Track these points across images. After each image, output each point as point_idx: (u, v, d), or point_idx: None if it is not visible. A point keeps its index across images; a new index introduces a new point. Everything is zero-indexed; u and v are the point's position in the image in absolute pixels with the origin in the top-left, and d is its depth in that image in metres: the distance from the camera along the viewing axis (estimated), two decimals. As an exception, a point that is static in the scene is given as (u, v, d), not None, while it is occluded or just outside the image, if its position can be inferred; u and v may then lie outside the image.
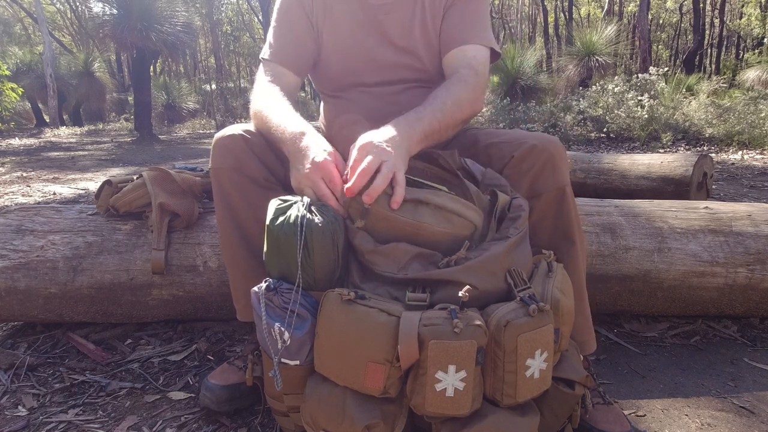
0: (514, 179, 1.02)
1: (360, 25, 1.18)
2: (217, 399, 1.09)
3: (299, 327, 0.85)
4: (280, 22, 1.20)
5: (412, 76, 1.20)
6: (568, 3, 21.75)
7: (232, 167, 1.04)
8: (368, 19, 1.17)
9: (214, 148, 1.07)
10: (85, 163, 6.29)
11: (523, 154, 1.02)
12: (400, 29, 1.17)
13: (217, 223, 1.10)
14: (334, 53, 1.20)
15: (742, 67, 16.35)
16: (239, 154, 1.04)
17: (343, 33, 1.19)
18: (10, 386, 1.25)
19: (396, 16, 1.17)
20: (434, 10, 1.17)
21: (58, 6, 25.69)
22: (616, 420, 1.00)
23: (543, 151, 1.01)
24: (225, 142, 1.06)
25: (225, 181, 1.05)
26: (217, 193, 1.07)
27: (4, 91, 9.66)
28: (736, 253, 1.39)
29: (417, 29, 1.17)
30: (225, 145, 1.05)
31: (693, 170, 2.67)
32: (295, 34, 1.19)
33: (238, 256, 1.08)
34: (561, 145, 1.04)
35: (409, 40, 1.17)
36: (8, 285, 1.36)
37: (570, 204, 1.04)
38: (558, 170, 1.02)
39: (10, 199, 3.72)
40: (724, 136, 5.99)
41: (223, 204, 1.07)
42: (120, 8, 9.33)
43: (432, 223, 0.86)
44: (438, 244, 0.87)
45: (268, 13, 18.12)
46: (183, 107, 15.65)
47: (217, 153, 1.06)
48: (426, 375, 0.76)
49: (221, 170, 1.05)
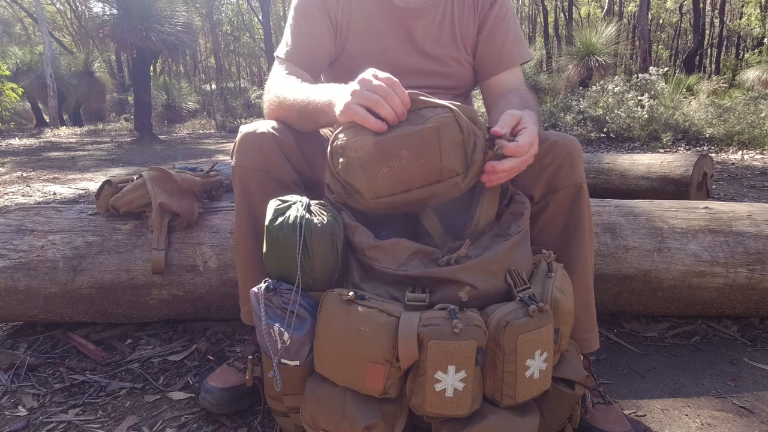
0: (534, 174, 1.02)
1: (386, 30, 1.15)
2: (217, 402, 1.09)
3: (299, 327, 0.85)
4: (298, 20, 1.15)
5: (439, 84, 1.19)
6: (568, 3, 21.75)
7: (261, 168, 1.00)
8: (395, 24, 1.14)
9: (240, 144, 1.02)
10: (85, 163, 6.29)
11: (544, 149, 1.02)
12: (428, 36, 1.15)
13: (236, 222, 1.07)
14: (358, 57, 1.16)
15: (742, 67, 16.36)
16: (270, 154, 1.00)
17: (369, 37, 1.15)
18: (10, 386, 1.25)
19: (424, 22, 1.14)
20: (464, 17, 1.16)
21: (58, 6, 25.70)
22: (616, 420, 1.00)
23: (563, 147, 1.03)
24: (254, 139, 1.01)
25: (251, 182, 1.01)
26: (240, 192, 1.03)
27: (4, 91, 9.67)
28: (736, 253, 1.39)
29: (446, 36, 1.16)
30: (254, 143, 1.01)
31: (693, 170, 2.67)
32: (313, 35, 1.14)
33: (253, 258, 1.05)
34: (579, 144, 1.06)
35: (438, 47, 1.16)
36: (8, 285, 1.36)
37: (585, 201, 1.05)
38: (576, 167, 1.04)
39: (10, 199, 3.72)
40: (724, 136, 5.98)
41: (244, 204, 1.03)
42: (120, 8, 9.34)
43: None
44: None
45: (268, 13, 18.13)
46: (183, 107, 15.66)
47: (244, 150, 1.01)
48: (425, 375, 0.76)
49: (248, 170, 1.01)
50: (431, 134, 0.82)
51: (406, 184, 0.84)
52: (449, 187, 0.86)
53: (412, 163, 0.83)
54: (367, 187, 0.85)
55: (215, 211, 1.48)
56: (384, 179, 0.84)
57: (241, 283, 1.11)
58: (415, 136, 0.82)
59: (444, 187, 0.86)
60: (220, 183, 1.58)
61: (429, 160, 0.83)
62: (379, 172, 0.84)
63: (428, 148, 0.82)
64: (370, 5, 1.14)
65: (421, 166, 0.83)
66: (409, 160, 0.82)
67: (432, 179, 0.84)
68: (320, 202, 0.92)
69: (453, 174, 0.84)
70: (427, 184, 0.85)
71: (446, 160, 0.83)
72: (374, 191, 0.85)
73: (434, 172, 0.84)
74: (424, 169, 0.83)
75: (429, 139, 0.82)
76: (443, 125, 0.82)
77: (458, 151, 0.84)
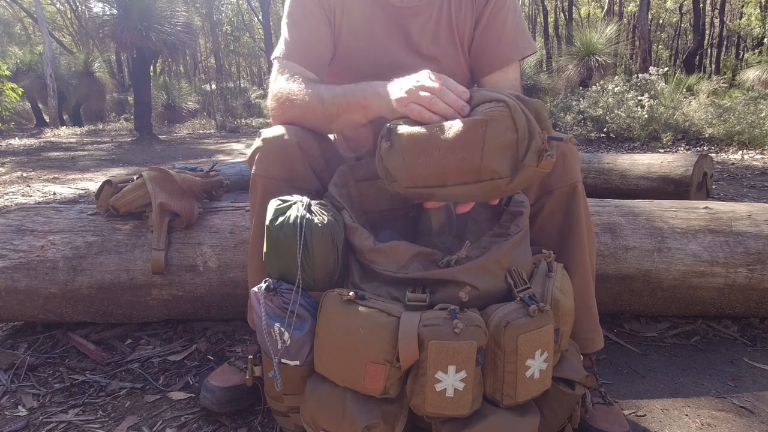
0: None
1: (382, 28, 1.11)
2: (218, 400, 1.08)
3: (299, 327, 0.85)
4: (295, 18, 1.10)
5: None
6: (568, 3, 21.74)
7: (284, 178, 0.97)
8: (391, 23, 1.11)
9: (262, 151, 0.98)
10: (85, 163, 6.28)
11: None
12: (425, 35, 1.12)
13: (252, 228, 1.04)
14: (353, 56, 1.13)
15: (742, 67, 16.36)
16: (293, 163, 0.97)
17: (364, 35, 1.12)
18: (10, 386, 1.25)
19: (421, 20, 1.11)
20: (462, 13, 1.12)
21: (58, 6, 25.70)
22: (616, 420, 1.00)
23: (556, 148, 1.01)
24: (278, 148, 0.97)
25: (272, 191, 0.96)
26: (257, 200, 0.99)
27: (4, 91, 9.67)
28: (736, 253, 1.39)
29: (443, 34, 1.12)
30: (278, 152, 0.97)
31: (693, 170, 2.67)
32: (313, 32, 1.10)
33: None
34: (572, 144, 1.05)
35: (434, 46, 1.13)
36: (8, 285, 1.36)
37: (580, 200, 1.03)
38: (570, 167, 1.02)
39: (10, 199, 3.72)
40: (724, 136, 5.98)
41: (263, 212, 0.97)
42: (120, 8, 9.33)
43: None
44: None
45: (268, 13, 18.13)
46: (183, 107, 15.65)
47: (265, 158, 0.97)
48: (426, 375, 0.76)
49: (272, 180, 0.97)
50: (476, 128, 0.75)
51: (441, 179, 0.79)
52: (489, 189, 0.79)
53: (450, 157, 0.76)
54: (405, 174, 0.81)
55: (215, 211, 1.48)
56: (420, 169, 0.79)
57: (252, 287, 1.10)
58: (457, 128, 0.75)
59: (483, 189, 0.78)
60: (220, 183, 1.58)
61: (468, 156, 0.75)
62: (417, 161, 0.78)
63: (469, 143, 0.75)
64: (365, 3, 1.11)
65: (458, 162, 0.76)
66: (447, 153, 0.76)
67: (470, 178, 0.78)
68: (321, 202, 0.92)
69: (495, 176, 0.77)
70: (464, 182, 0.78)
71: (488, 159, 0.75)
72: (411, 179, 0.81)
73: (473, 171, 0.77)
74: (462, 166, 0.76)
75: (472, 133, 0.75)
76: (493, 120, 0.75)
77: (507, 151, 0.76)
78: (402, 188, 0.84)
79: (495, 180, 0.77)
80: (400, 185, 0.83)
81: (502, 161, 0.76)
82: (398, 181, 0.83)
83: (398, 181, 0.83)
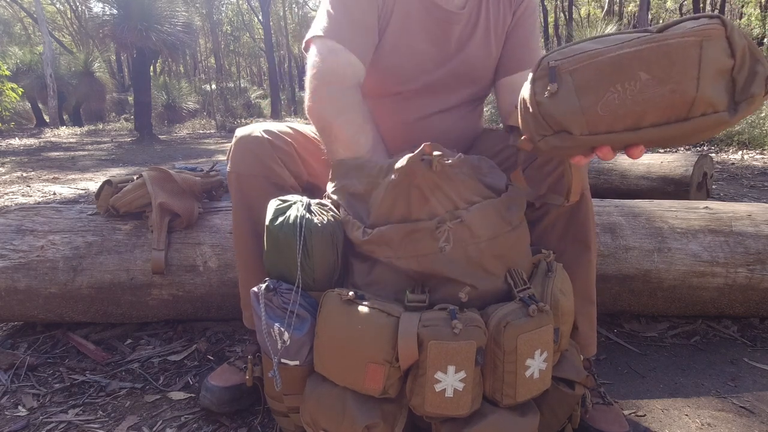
0: (536, 180, 1.00)
1: (421, 30, 1.07)
2: (218, 400, 1.09)
3: (299, 327, 0.85)
4: (345, 1, 0.99)
5: (463, 93, 1.14)
6: (568, 3, 21.73)
7: (260, 174, 0.99)
8: (432, 25, 1.08)
9: (236, 150, 1.01)
10: (85, 163, 6.29)
11: (546, 156, 0.99)
12: (461, 40, 1.10)
13: (233, 224, 1.06)
14: (384, 53, 1.06)
15: (742, 67, 16.33)
16: (266, 160, 0.99)
17: (402, 34, 1.06)
18: (10, 386, 1.25)
19: (461, 27, 1.10)
20: (500, 13, 1.11)
21: (58, 6, 25.70)
22: (616, 420, 1.00)
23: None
24: (250, 145, 0.99)
25: (248, 188, 1.00)
26: (238, 199, 1.02)
27: (4, 91, 9.67)
28: (736, 253, 1.39)
29: (479, 40, 1.11)
30: (250, 149, 0.99)
31: (693, 170, 2.67)
32: (365, 14, 0.99)
33: (253, 262, 1.05)
34: None
35: (470, 53, 1.11)
36: (8, 285, 1.36)
37: (587, 207, 1.02)
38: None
39: (10, 199, 3.72)
40: (724, 136, 5.98)
41: (242, 206, 1.02)
42: (120, 8, 9.35)
43: None
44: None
45: (268, 13, 18.13)
46: (183, 107, 15.67)
47: (240, 157, 1.00)
48: (425, 375, 0.76)
49: (245, 176, 1.00)
50: (690, 50, 0.61)
51: (635, 119, 0.65)
52: (703, 127, 0.64)
53: (654, 90, 0.62)
54: (580, 120, 0.66)
55: (215, 211, 1.48)
56: (606, 109, 0.65)
57: (242, 286, 1.10)
58: (664, 51, 0.62)
59: (694, 127, 0.64)
60: (220, 183, 1.58)
61: (681, 86, 0.62)
62: (602, 100, 0.65)
63: (682, 69, 0.62)
64: (412, 1, 1.05)
65: (666, 95, 0.62)
66: (649, 84, 0.62)
67: (676, 115, 0.64)
68: (320, 202, 0.92)
69: (710, 110, 0.63)
70: (667, 121, 0.64)
71: (705, 89, 0.62)
72: (588, 125, 0.66)
73: (683, 105, 0.63)
74: (670, 99, 0.62)
75: (685, 57, 0.61)
76: (707, 40, 0.61)
77: (722, 79, 0.62)
78: (571, 141, 0.68)
79: (710, 115, 0.63)
80: (571, 137, 0.68)
81: (720, 91, 0.63)
82: (569, 132, 0.68)
83: (569, 131, 0.68)
